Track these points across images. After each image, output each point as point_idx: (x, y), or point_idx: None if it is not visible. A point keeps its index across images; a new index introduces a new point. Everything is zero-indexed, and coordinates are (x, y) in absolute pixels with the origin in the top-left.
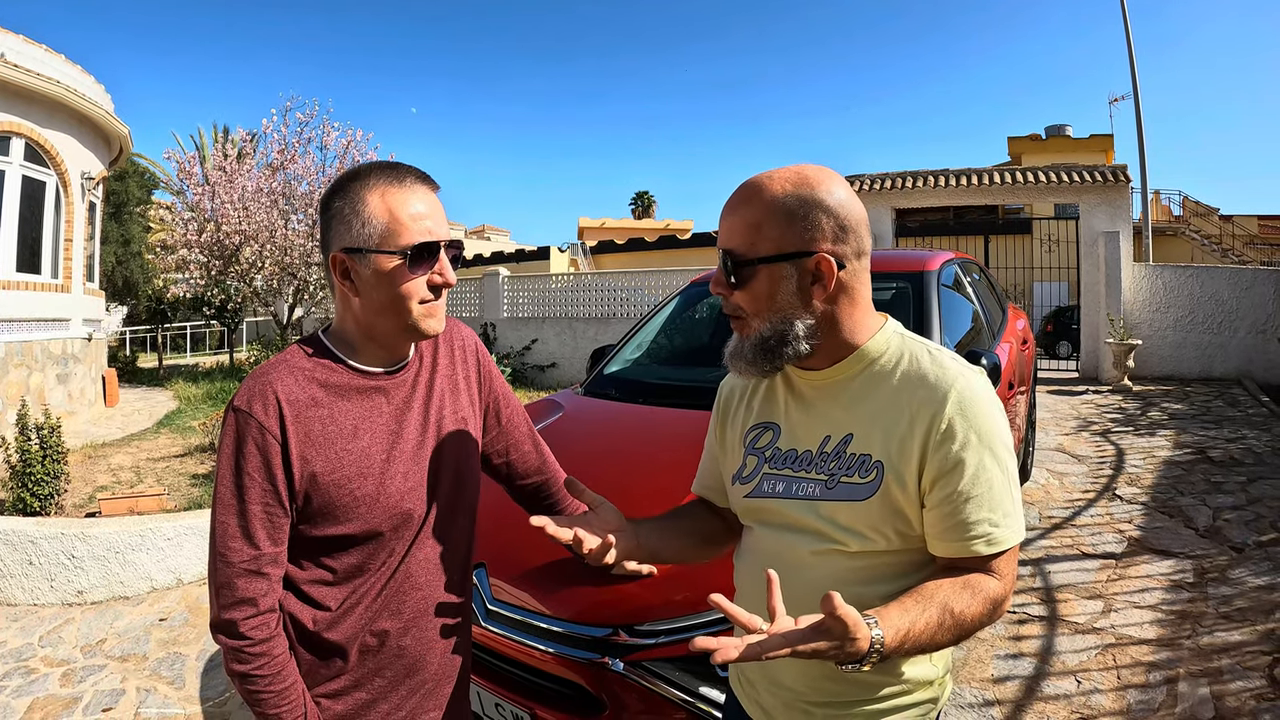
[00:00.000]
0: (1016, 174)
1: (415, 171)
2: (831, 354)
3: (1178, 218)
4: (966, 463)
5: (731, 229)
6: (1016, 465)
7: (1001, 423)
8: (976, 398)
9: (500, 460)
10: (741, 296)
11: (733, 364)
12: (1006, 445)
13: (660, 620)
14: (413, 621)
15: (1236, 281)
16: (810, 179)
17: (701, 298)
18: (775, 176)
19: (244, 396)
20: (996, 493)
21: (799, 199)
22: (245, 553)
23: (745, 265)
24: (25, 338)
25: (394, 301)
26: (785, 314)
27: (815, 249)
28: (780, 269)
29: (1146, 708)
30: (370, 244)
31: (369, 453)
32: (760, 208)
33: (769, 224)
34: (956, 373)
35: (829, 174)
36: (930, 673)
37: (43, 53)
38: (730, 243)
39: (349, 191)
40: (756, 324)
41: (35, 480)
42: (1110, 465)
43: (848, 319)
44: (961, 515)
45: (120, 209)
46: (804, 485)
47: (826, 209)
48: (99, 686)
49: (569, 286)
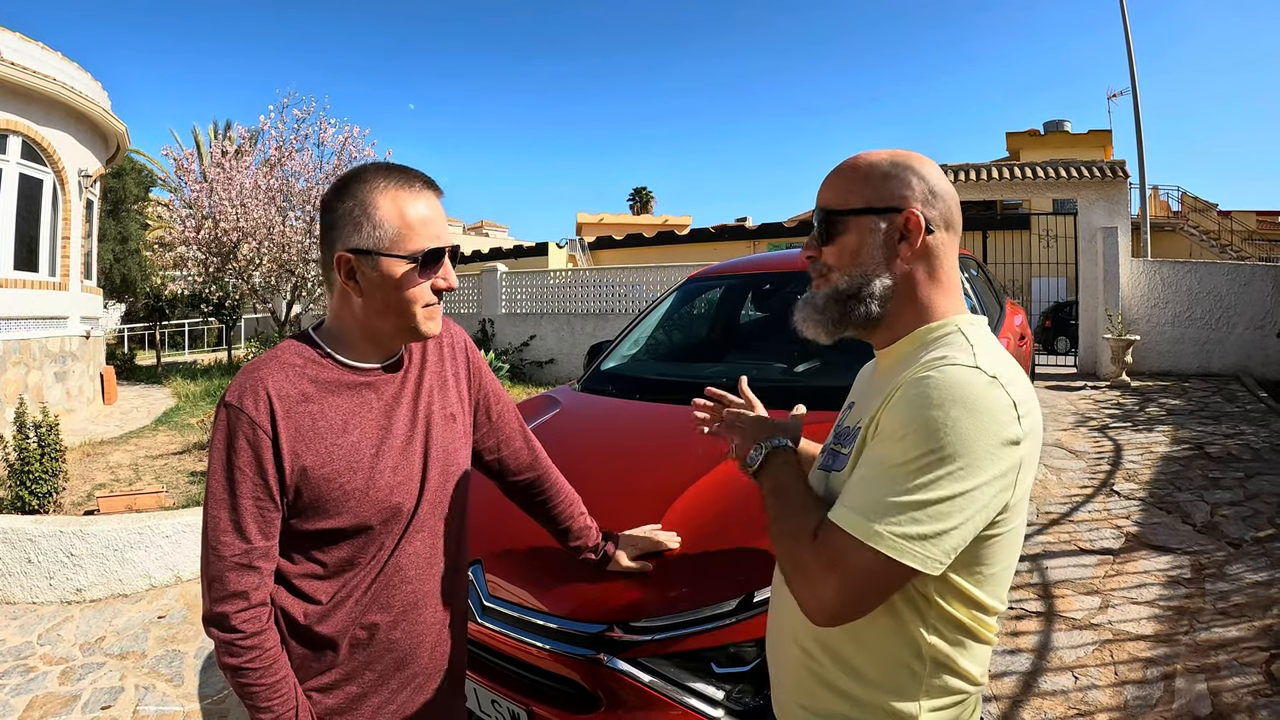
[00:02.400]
0: (1015, 169)
1: (423, 176)
2: (896, 329)
3: (1176, 213)
4: (889, 433)
5: (827, 189)
6: (958, 490)
7: (956, 426)
8: (942, 387)
9: (492, 457)
10: (829, 252)
11: (801, 314)
12: (944, 450)
13: (656, 617)
14: (403, 615)
15: (1235, 277)
16: (907, 153)
17: (700, 293)
18: (872, 152)
19: (235, 392)
20: (873, 479)
21: (893, 163)
22: (237, 546)
23: (837, 217)
24: (23, 336)
25: (399, 304)
26: (866, 269)
27: (905, 205)
28: (869, 221)
29: (1144, 703)
30: (381, 247)
31: (358, 447)
32: (858, 169)
33: (864, 182)
34: (955, 360)
35: (925, 156)
36: (912, 710)
37: (39, 50)
38: (824, 200)
39: (358, 193)
40: (836, 277)
41: (33, 478)
42: (1108, 461)
43: (924, 289)
44: (853, 478)
45: (118, 206)
46: (840, 459)
47: (919, 174)
48: (98, 684)
49: (567, 282)
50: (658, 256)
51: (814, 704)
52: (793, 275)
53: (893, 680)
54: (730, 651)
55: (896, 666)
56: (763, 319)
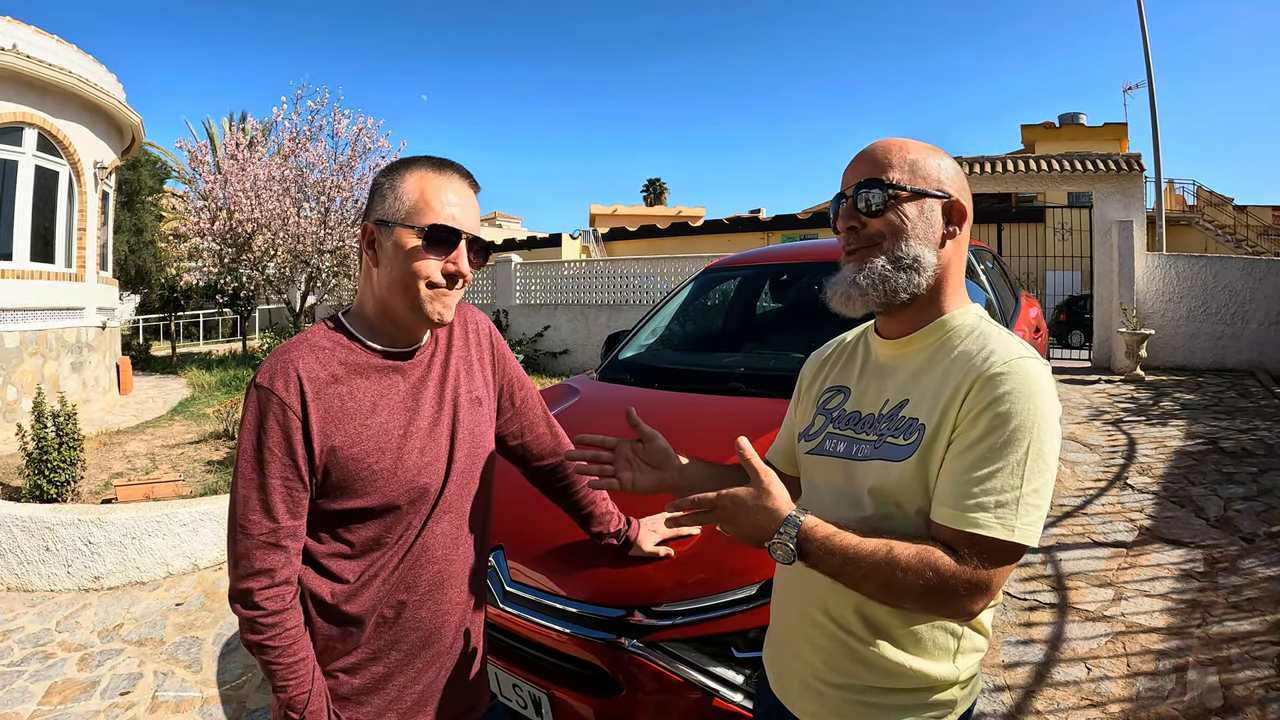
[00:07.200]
0: (1030, 162)
1: (459, 167)
2: (920, 316)
3: (1191, 207)
4: (989, 426)
5: (877, 166)
6: (1048, 470)
7: (1047, 416)
8: (1029, 378)
9: (516, 442)
10: (882, 223)
11: (852, 286)
12: (1041, 441)
13: (676, 601)
14: (428, 594)
15: (1250, 272)
16: (936, 148)
17: (717, 283)
18: (907, 139)
19: (266, 374)
20: (1006, 473)
21: (936, 154)
22: (264, 525)
23: (898, 190)
24: (40, 326)
25: (404, 277)
26: (923, 243)
27: (951, 193)
28: (927, 203)
29: (1155, 695)
30: (397, 218)
31: (387, 428)
32: (908, 150)
33: (918, 165)
34: (1019, 352)
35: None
36: (951, 672)
37: (54, 43)
38: (876, 173)
39: (395, 172)
40: (893, 244)
41: (52, 467)
42: (1122, 454)
43: (953, 278)
44: (963, 479)
45: (133, 198)
46: (861, 446)
47: (955, 168)
48: (116, 670)
49: (581, 273)
50: (671, 247)
51: (845, 679)
52: (810, 266)
53: (936, 645)
54: (750, 636)
55: (943, 633)
56: (780, 309)
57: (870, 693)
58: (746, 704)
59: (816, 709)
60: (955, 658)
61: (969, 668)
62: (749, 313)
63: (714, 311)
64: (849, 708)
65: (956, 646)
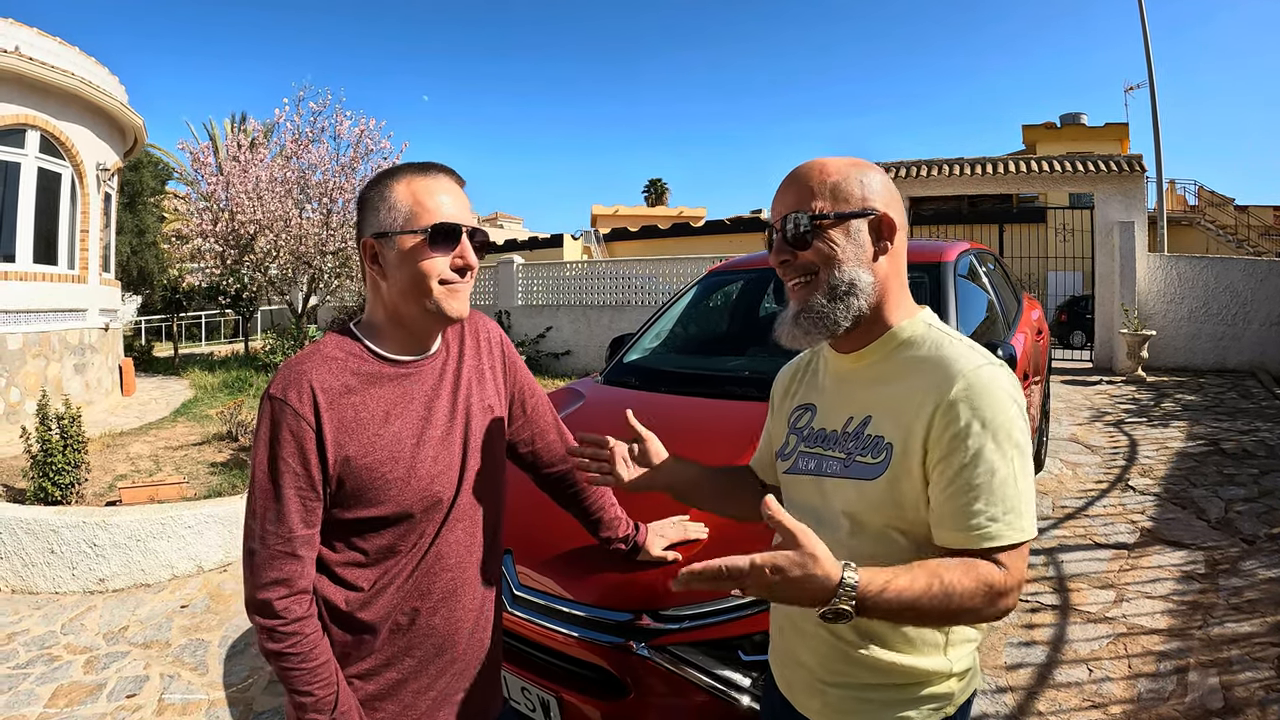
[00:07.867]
0: (1031, 163)
1: (443, 167)
2: (868, 333)
3: (1193, 207)
4: (967, 448)
5: (801, 194)
6: (1029, 463)
7: (1014, 418)
8: (988, 387)
9: (526, 449)
10: (813, 254)
11: (795, 325)
12: (1016, 441)
13: (684, 605)
14: (442, 602)
15: (1251, 273)
16: (861, 161)
17: (720, 287)
18: (829, 159)
19: (279, 385)
20: (998, 485)
21: (859, 169)
22: (280, 535)
23: (820, 220)
24: (43, 328)
25: (415, 281)
26: (856, 265)
27: (878, 209)
28: (854, 224)
29: (1156, 696)
30: (395, 227)
31: (400, 437)
32: (827, 173)
33: (840, 187)
34: (974, 362)
35: (871, 163)
36: (944, 665)
37: (56, 45)
38: (802, 204)
39: (381, 185)
40: (827, 274)
41: (56, 470)
42: (1123, 456)
43: (894, 290)
44: (960, 502)
45: (135, 199)
46: (830, 463)
47: (881, 180)
48: (122, 673)
49: (583, 274)
50: (673, 248)
51: (843, 679)
52: None
53: (925, 641)
54: (756, 639)
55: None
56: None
57: (869, 690)
58: (754, 706)
59: (820, 707)
60: (946, 650)
61: (962, 659)
62: (752, 316)
63: (717, 315)
64: (850, 704)
65: (946, 640)
